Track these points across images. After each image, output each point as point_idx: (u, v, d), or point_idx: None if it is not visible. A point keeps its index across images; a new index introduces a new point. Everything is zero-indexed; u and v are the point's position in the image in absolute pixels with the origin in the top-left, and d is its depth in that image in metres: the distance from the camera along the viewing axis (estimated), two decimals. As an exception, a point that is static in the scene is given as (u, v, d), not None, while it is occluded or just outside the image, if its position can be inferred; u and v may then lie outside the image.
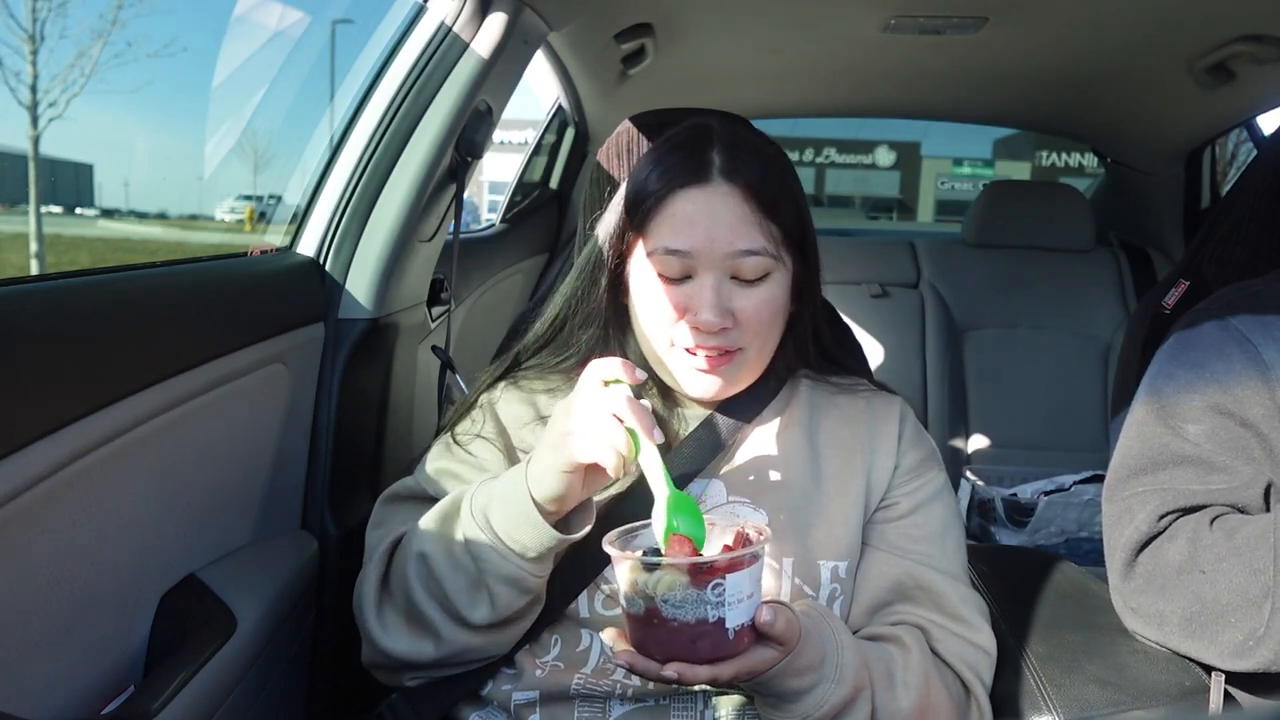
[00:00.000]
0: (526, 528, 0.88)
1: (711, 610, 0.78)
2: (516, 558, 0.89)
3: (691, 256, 0.93)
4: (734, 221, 0.93)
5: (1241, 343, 1.03)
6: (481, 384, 1.09)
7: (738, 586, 0.79)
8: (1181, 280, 1.48)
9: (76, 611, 0.92)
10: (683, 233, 0.93)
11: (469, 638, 0.94)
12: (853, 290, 2.69)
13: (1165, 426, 1.04)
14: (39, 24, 2.98)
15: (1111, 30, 1.92)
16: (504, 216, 2.56)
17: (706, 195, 0.94)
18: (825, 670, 0.87)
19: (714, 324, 0.93)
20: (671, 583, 0.78)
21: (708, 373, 0.96)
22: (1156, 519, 1.00)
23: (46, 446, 0.81)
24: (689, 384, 0.98)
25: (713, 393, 0.99)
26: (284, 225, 1.49)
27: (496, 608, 0.91)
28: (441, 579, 0.92)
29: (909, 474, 1.04)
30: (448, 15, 1.41)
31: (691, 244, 0.93)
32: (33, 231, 3.02)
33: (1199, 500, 1.00)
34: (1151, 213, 2.77)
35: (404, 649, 0.95)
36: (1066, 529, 2.18)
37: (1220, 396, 1.01)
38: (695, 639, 0.79)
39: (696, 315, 0.93)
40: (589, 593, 0.98)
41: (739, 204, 0.94)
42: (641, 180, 0.97)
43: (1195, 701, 0.96)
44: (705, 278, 0.94)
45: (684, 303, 0.94)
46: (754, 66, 2.39)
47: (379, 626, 0.97)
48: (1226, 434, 1.00)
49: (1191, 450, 1.01)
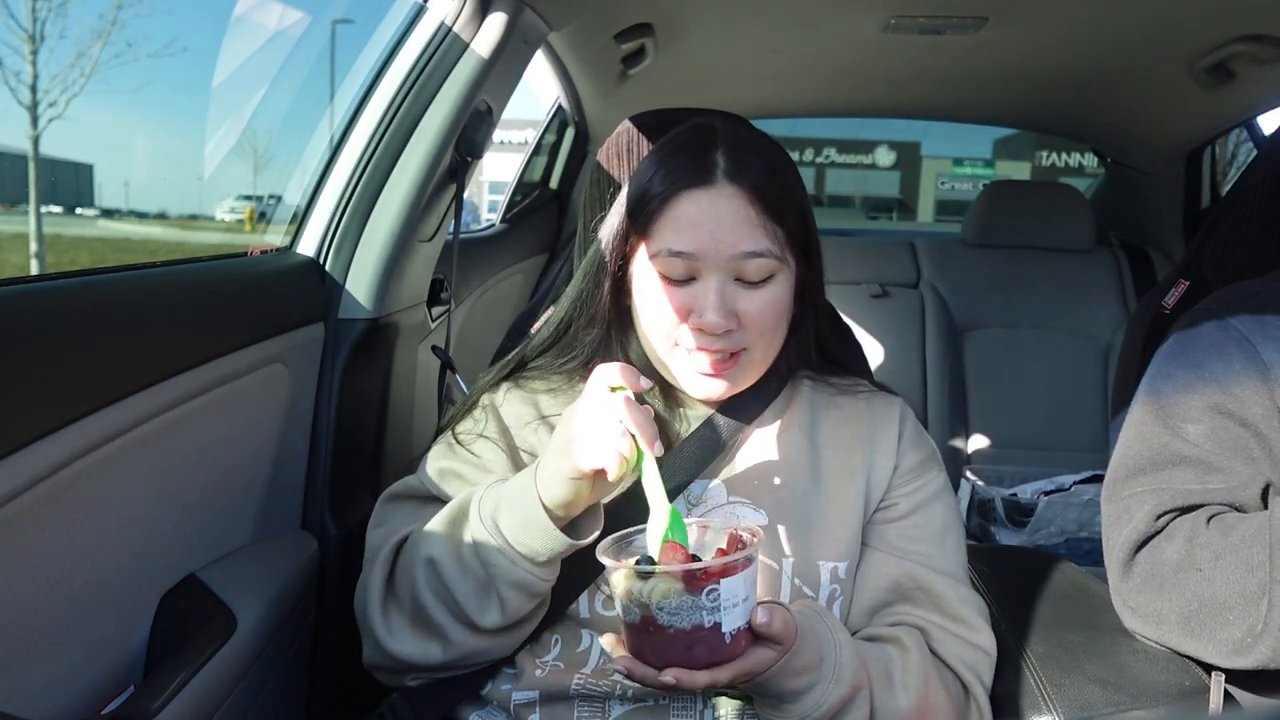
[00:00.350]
0: (537, 533, 0.88)
1: (707, 616, 0.78)
2: (526, 563, 0.89)
3: (696, 258, 0.93)
4: (738, 223, 0.93)
5: (1241, 343, 1.03)
6: (484, 384, 1.09)
7: (732, 591, 0.78)
8: (1181, 280, 1.48)
9: (76, 611, 0.92)
10: (686, 234, 0.93)
11: (477, 641, 0.94)
12: (853, 290, 2.69)
13: (1164, 427, 1.04)
14: (39, 24, 2.98)
15: (1111, 30, 1.92)
16: (504, 216, 2.56)
17: (710, 197, 0.93)
18: (823, 670, 0.87)
19: (718, 326, 0.92)
20: (666, 590, 0.77)
21: (712, 376, 0.96)
22: (1154, 518, 1.00)
23: (46, 446, 0.81)
24: (692, 386, 0.98)
25: (717, 395, 0.98)
26: (284, 225, 1.49)
27: (506, 612, 0.91)
28: (450, 584, 0.92)
29: (909, 475, 1.04)
30: (448, 15, 1.41)
31: (696, 246, 0.92)
32: (33, 231, 3.02)
33: (1197, 500, 1.00)
34: (1151, 213, 2.77)
35: (411, 652, 0.95)
36: (1066, 529, 2.18)
37: (1219, 396, 1.01)
38: (692, 645, 0.78)
39: (701, 317, 0.93)
40: (589, 594, 0.98)
41: (743, 206, 0.93)
42: (645, 182, 0.96)
43: (1195, 701, 0.96)
44: (709, 280, 0.93)
45: (688, 305, 0.94)
46: (754, 66, 2.39)
47: (384, 629, 0.96)
48: (1226, 434, 1.00)
49: (1190, 451, 1.01)
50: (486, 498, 0.92)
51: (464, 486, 1.01)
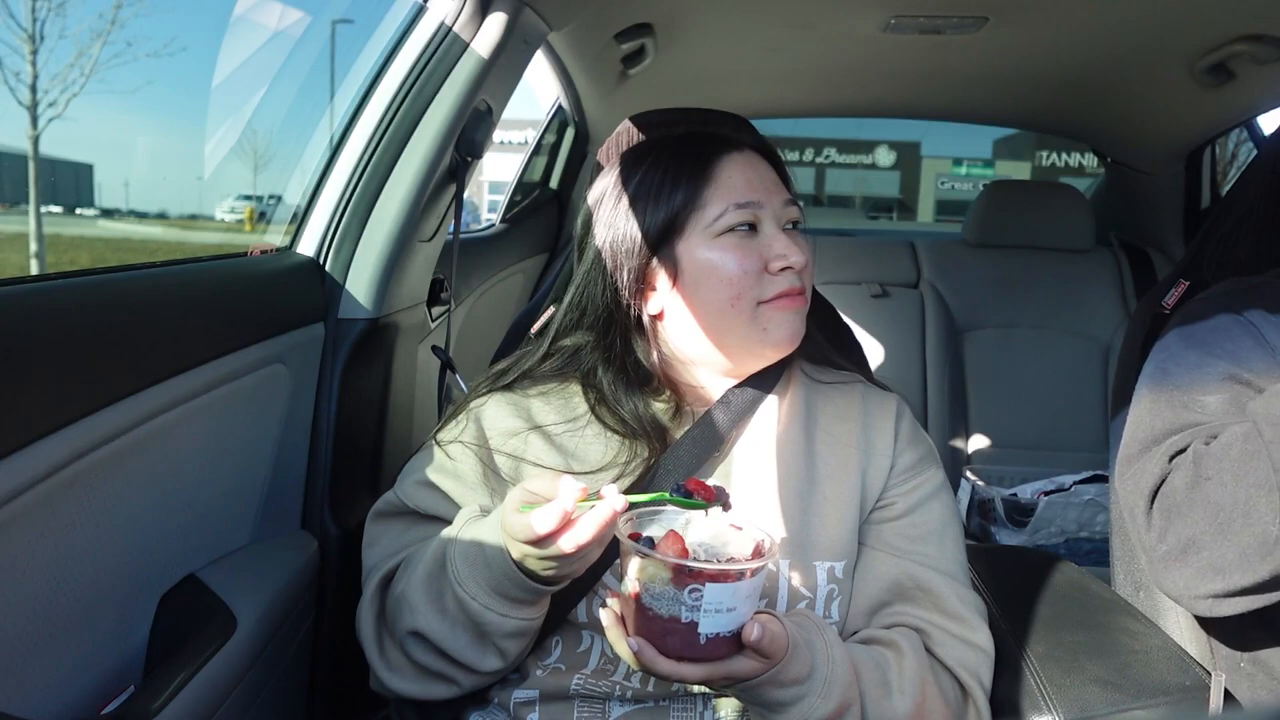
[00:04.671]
0: (515, 588, 0.87)
1: (685, 612, 0.79)
2: (516, 615, 0.89)
3: (760, 206, 0.98)
4: (772, 177, 1.01)
5: (1247, 326, 1.03)
6: (473, 391, 1.07)
7: (717, 598, 0.78)
8: (1181, 280, 1.48)
9: (76, 611, 0.92)
10: (743, 187, 0.98)
11: (481, 679, 0.94)
12: (853, 290, 2.68)
13: (1178, 405, 1.03)
14: (39, 24, 2.98)
15: (1112, 30, 1.92)
16: (504, 216, 2.56)
17: (746, 157, 1.00)
18: (812, 684, 0.87)
19: (801, 260, 0.97)
20: (654, 575, 0.79)
21: (795, 314, 0.99)
22: (1167, 461, 1.01)
23: (46, 446, 0.81)
24: (780, 333, 0.98)
25: (799, 335, 1.00)
26: (284, 225, 1.49)
27: (507, 658, 0.92)
28: (443, 645, 0.91)
29: (906, 473, 1.04)
30: (448, 15, 1.41)
31: (758, 195, 0.98)
32: (33, 231, 3.02)
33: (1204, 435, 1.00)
34: (1151, 213, 2.77)
35: (416, 691, 0.96)
36: (1066, 529, 2.18)
37: (1234, 368, 1.01)
38: (665, 634, 0.80)
39: (787, 258, 0.96)
40: (587, 599, 0.98)
41: (766, 166, 1.02)
42: (675, 165, 0.99)
43: (1195, 701, 0.96)
44: (769, 227, 0.98)
45: (763, 254, 0.97)
46: (754, 66, 2.38)
47: (385, 667, 0.97)
48: (1247, 400, 0.99)
49: (1206, 419, 1.00)
50: (459, 562, 0.89)
51: (439, 500, 1.00)
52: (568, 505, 0.78)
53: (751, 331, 0.98)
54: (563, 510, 0.78)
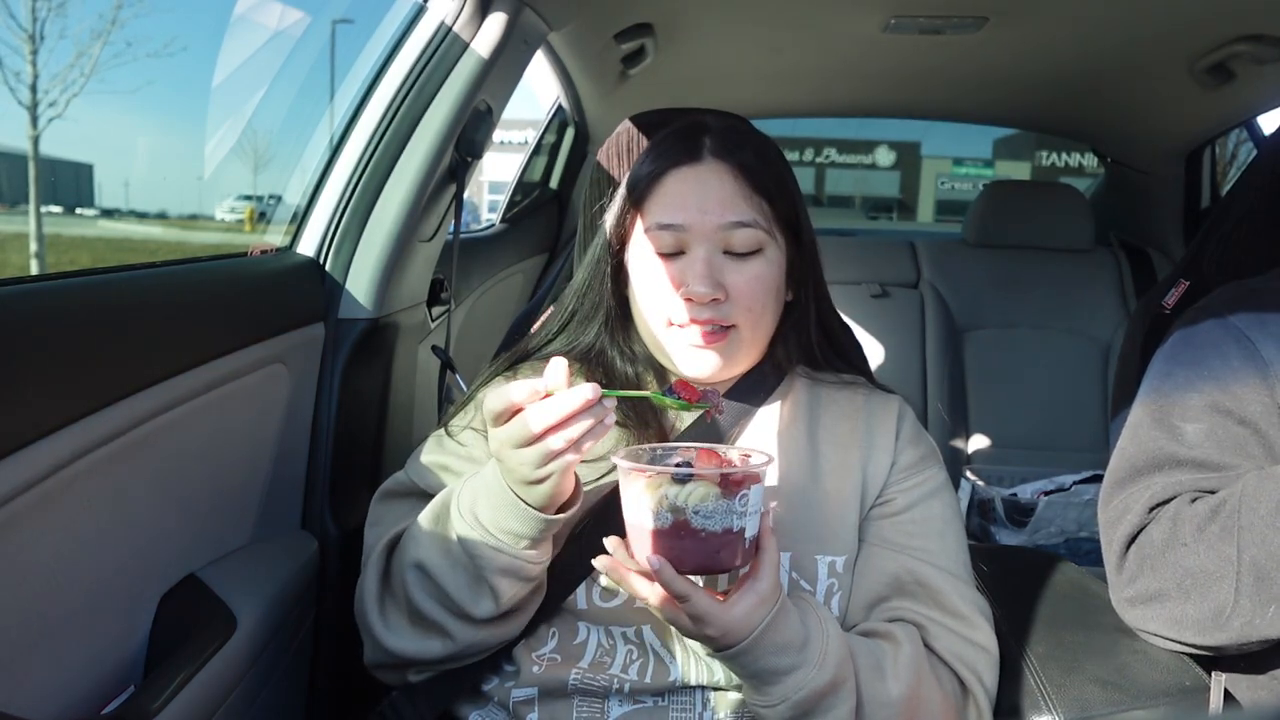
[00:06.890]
0: (514, 517, 0.88)
1: (736, 520, 0.82)
2: (510, 548, 0.89)
3: (684, 230, 0.97)
4: (724, 196, 0.97)
5: (1240, 340, 1.03)
6: (483, 378, 1.10)
7: (757, 497, 0.83)
8: (1181, 280, 1.48)
9: (76, 611, 0.92)
10: (674, 207, 0.97)
11: (475, 633, 0.94)
12: (853, 290, 2.68)
13: (1162, 429, 1.04)
14: (39, 24, 2.99)
15: (1112, 30, 1.92)
16: (504, 216, 2.56)
17: (697, 172, 0.98)
18: (807, 654, 0.88)
19: (705, 295, 0.95)
20: (704, 494, 0.81)
21: (702, 348, 0.98)
22: (1146, 511, 1.01)
23: (47, 446, 0.81)
24: (685, 362, 0.99)
25: (709, 371, 0.99)
26: (284, 225, 1.49)
27: (500, 600, 0.91)
28: (441, 581, 0.92)
29: (906, 471, 1.04)
30: (448, 15, 1.41)
31: (683, 218, 0.97)
32: (33, 231, 3.02)
33: (1187, 489, 1.00)
34: (1151, 213, 2.77)
35: (410, 648, 0.96)
36: (1066, 529, 2.18)
37: (1219, 395, 1.01)
38: (720, 549, 0.82)
39: (689, 287, 0.96)
40: (586, 585, 0.98)
41: (730, 180, 0.98)
42: (639, 166, 1.01)
43: (1195, 701, 0.96)
44: (697, 251, 0.97)
45: (678, 277, 0.97)
46: (754, 66, 2.39)
47: (384, 627, 0.97)
48: (1225, 433, 1.00)
49: (1187, 454, 1.01)
50: (464, 492, 0.93)
51: (451, 478, 1.01)
52: (546, 384, 0.81)
53: (671, 349, 1.00)
54: (533, 388, 0.81)
